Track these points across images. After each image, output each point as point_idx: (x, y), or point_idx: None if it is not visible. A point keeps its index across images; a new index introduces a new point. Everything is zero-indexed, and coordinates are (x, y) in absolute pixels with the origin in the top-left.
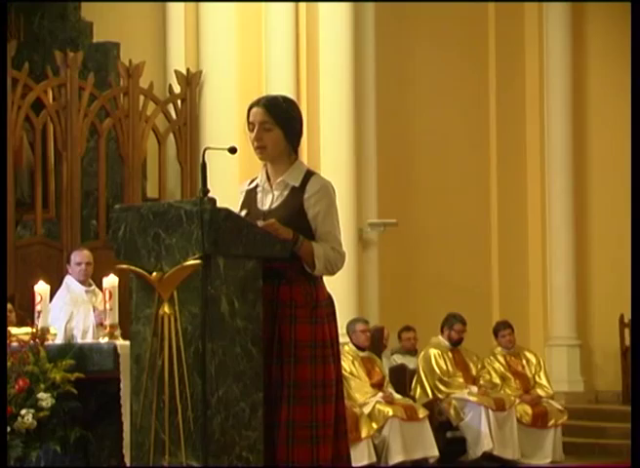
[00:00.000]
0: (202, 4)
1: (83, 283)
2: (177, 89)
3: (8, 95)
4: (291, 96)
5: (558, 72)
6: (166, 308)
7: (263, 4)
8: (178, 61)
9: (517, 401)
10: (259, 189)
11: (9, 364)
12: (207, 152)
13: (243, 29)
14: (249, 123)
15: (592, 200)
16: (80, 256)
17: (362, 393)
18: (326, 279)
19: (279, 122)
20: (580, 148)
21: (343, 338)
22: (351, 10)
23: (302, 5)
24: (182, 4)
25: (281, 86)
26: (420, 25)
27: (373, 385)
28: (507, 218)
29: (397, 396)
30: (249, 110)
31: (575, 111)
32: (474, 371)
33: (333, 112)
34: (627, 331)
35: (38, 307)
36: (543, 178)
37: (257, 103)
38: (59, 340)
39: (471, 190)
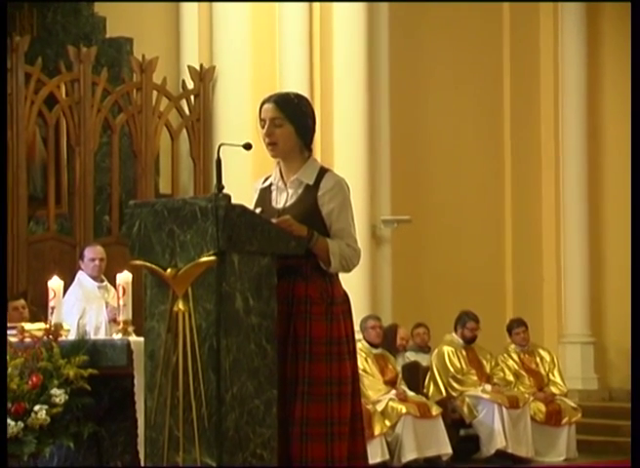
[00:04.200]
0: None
1: (96, 279)
2: (190, 84)
3: (21, 90)
4: (304, 92)
5: (573, 71)
6: (180, 305)
7: (277, 3)
8: (191, 57)
9: (531, 398)
10: (273, 188)
11: (22, 360)
12: (221, 148)
13: (257, 25)
14: (260, 119)
15: (607, 196)
16: (93, 252)
17: (375, 390)
18: (340, 276)
19: (290, 118)
20: (594, 144)
21: (357, 335)
22: (365, 9)
23: (317, 4)
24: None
25: (295, 82)
26: (435, 25)
27: (386, 382)
28: (521, 215)
29: (410, 393)
30: (260, 107)
31: (590, 110)
32: (488, 369)
33: (346, 109)
34: None
35: (51, 303)
36: (558, 175)
37: (268, 100)
38: (72, 336)
39: (485, 186)
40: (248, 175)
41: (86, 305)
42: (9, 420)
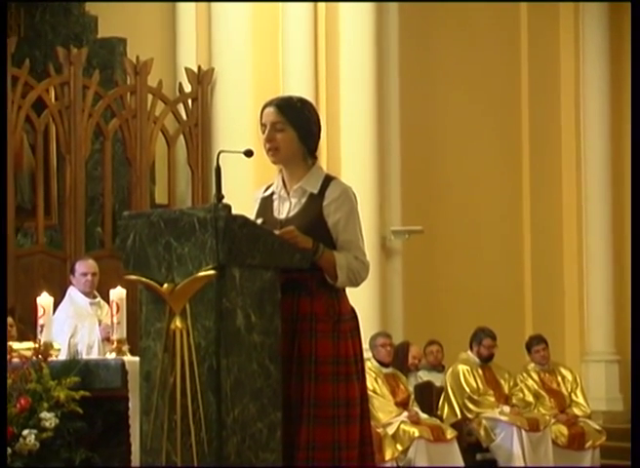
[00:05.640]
0: None
1: (87, 295)
2: (187, 87)
3: (7, 94)
4: (309, 97)
5: (595, 74)
6: (178, 322)
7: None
8: (188, 58)
9: (552, 421)
10: (275, 197)
11: (9, 381)
12: (221, 156)
13: (258, 24)
14: (261, 124)
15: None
16: (85, 266)
17: (386, 412)
18: (347, 291)
19: (292, 123)
20: (617, 153)
21: (366, 354)
22: (374, 10)
23: (322, 5)
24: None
25: (299, 85)
26: (448, 27)
27: (397, 404)
28: (541, 224)
29: (423, 415)
30: (262, 111)
31: (612, 115)
32: (506, 389)
33: (354, 114)
34: None
35: (41, 321)
36: (580, 182)
37: (269, 104)
38: (62, 356)
39: (502, 195)
40: (249, 183)
41: (77, 323)
42: None
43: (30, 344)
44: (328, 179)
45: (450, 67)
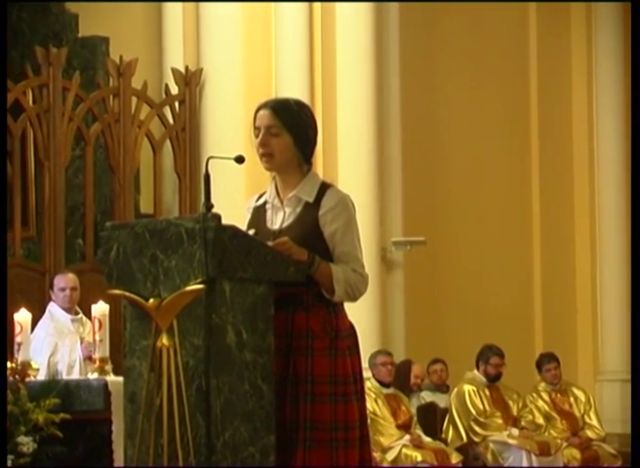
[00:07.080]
0: None
1: (68, 311)
2: (174, 89)
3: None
4: (304, 99)
5: (608, 76)
6: (164, 340)
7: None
8: (175, 58)
9: (564, 444)
10: (268, 206)
11: None
12: (210, 162)
13: (249, 23)
14: (255, 128)
15: None
16: (64, 281)
17: (386, 436)
18: (345, 305)
19: (288, 126)
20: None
21: (366, 373)
22: (373, 10)
23: (317, 4)
24: None
25: (293, 87)
26: (452, 28)
27: (399, 426)
28: (552, 236)
29: (426, 439)
30: (255, 114)
31: (626, 118)
32: (514, 411)
33: (352, 119)
34: None
35: (18, 338)
36: (592, 193)
37: (264, 106)
38: (41, 376)
39: (509, 203)
40: (240, 191)
41: (58, 341)
42: None
43: (7, 364)
44: (324, 187)
45: (454, 70)
